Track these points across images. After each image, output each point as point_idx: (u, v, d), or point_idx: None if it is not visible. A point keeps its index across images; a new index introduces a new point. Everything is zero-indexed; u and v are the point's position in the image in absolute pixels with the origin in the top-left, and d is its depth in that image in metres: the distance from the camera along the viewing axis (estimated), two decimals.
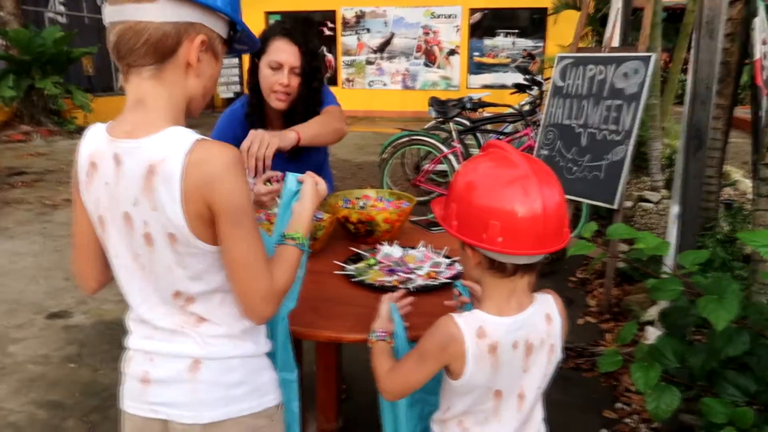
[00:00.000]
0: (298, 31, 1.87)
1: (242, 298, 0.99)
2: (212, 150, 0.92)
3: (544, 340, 1.10)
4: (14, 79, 9.10)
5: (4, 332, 3.14)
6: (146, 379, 1.04)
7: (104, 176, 0.96)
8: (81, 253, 1.10)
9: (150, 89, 0.95)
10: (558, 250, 1.05)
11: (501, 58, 12.92)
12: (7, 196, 5.99)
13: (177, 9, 0.91)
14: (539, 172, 1.01)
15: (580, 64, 3.59)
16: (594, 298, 3.54)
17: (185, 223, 0.92)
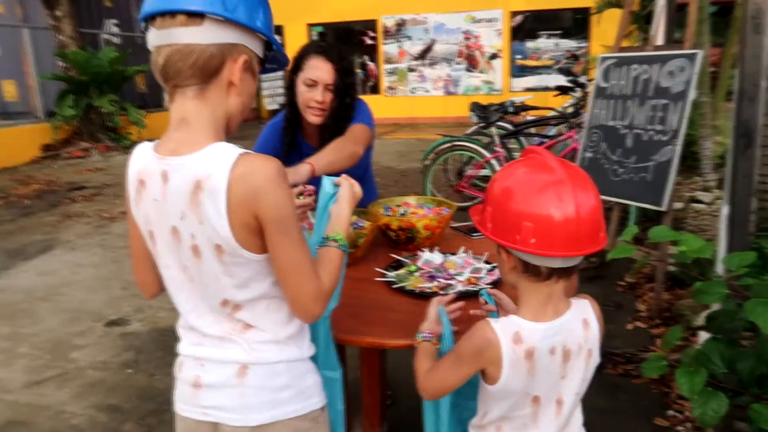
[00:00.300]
0: (333, 49, 1.94)
1: (293, 300, 1.03)
2: (255, 163, 0.95)
3: (581, 346, 1.10)
4: (74, 98, 9.57)
5: (66, 339, 3.31)
6: (197, 384, 1.09)
7: (152, 193, 1.01)
8: (139, 263, 1.16)
9: (193, 108, 0.99)
10: (596, 253, 1.05)
11: (544, 60, 12.74)
12: (68, 210, 6.30)
13: (221, 31, 0.96)
14: (575, 177, 1.01)
15: (624, 64, 3.52)
16: (644, 302, 3.45)
17: (231, 235, 0.96)
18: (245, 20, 0.97)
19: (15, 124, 9.82)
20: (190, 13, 0.94)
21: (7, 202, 6.72)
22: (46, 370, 2.98)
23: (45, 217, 6.02)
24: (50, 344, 3.26)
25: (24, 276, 4.35)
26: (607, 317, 3.53)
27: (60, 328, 3.45)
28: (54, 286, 4.13)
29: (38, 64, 10.05)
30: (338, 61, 1.94)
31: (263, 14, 1.01)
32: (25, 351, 3.19)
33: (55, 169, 8.69)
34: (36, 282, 4.22)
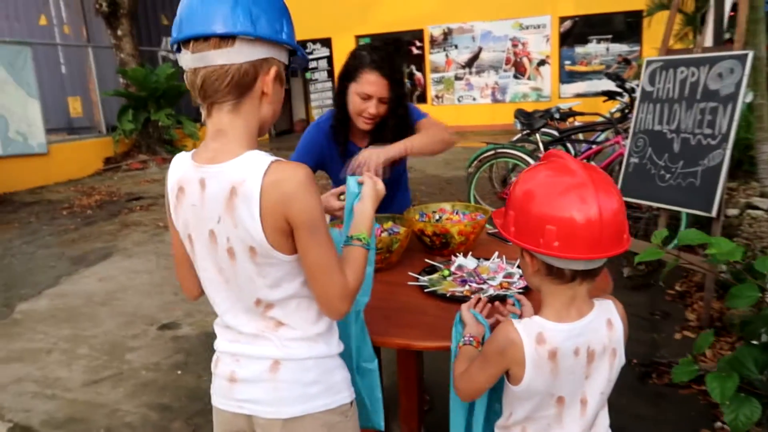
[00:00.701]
0: (387, 62, 1.95)
1: (321, 298, 1.09)
2: (287, 170, 1.01)
3: (606, 346, 1.10)
4: (133, 113, 10.06)
5: (122, 341, 3.48)
6: (233, 379, 1.15)
7: (191, 199, 1.08)
8: (181, 267, 1.24)
9: (229, 121, 1.06)
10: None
11: (594, 66, 12.49)
12: (126, 219, 6.61)
13: (252, 48, 1.02)
14: (596, 179, 1.02)
15: (670, 67, 3.44)
16: (693, 311, 3.34)
17: (264, 237, 1.02)
18: (272, 35, 1.03)
19: (80, 138, 10.40)
20: (222, 36, 1.00)
21: (71, 211, 7.11)
22: (103, 371, 3.15)
23: (105, 226, 6.33)
24: (107, 346, 3.44)
25: (85, 281, 4.60)
26: (654, 326, 3.47)
27: (116, 331, 3.63)
28: (112, 291, 4.34)
29: (101, 81, 10.61)
30: (392, 75, 1.96)
31: (286, 25, 1.06)
32: (85, 352, 3.38)
33: (116, 181, 9.13)
34: (96, 287, 4.45)
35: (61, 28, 12.00)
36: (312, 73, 14.44)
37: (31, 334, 3.67)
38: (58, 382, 3.05)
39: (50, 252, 5.47)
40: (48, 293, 4.38)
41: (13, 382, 3.07)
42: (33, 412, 2.78)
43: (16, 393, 2.96)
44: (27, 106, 8.80)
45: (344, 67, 2.02)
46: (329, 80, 14.39)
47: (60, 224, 6.52)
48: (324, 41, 14.00)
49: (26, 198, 8.10)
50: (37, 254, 5.41)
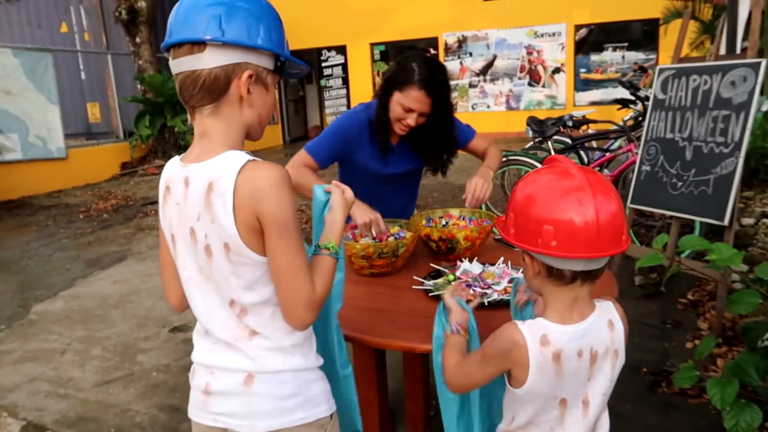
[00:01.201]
0: (434, 81, 1.98)
1: (286, 305, 1.07)
2: (262, 168, 1.03)
3: (608, 347, 1.11)
4: (150, 119, 10.20)
5: (134, 343, 3.53)
6: (208, 391, 1.14)
7: (176, 197, 1.10)
8: (164, 273, 1.24)
9: (211, 123, 1.08)
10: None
11: (610, 74, 12.43)
12: (141, 223, 6.69)
13: (223, 54, 1.04)
14: (595, 183, 1.03)
15: (683, 75, 3.43)
16: (706, 320, 3.31)
17: (237, 233, 1.03)
18: (244, 41, 1.04)
19: (98, 143, 10.56)
20: (193, 42, 1.03)
21: (88, 215, 7.22)
22: (115, 371, 3.19)
23: (121, 230, 6.42)
24: (120, 347, 3.48)
25: (100, 284, 4.67)
26: (665, 335, 3.44)
27: (129, 333, 3.68)
28: (125, 293, 4.40)
29: (119, 87, 10.78)
30: (437, 95, 2.00)
31: (265, 31, 1.06)
32: (98, 353, 3.43)
33: (132, 185, 9.24)
34: (110, 289, 4.51)
35: (81, 35, 12.22)
36: (327, 80, 14.54)
37: (46, 334, 3.73)
38: (71, 382, 3.09)
39: (66, 255, 5.55)
40: (63, 295, 4.45)
41: (28, 381, 3.12)
42: (46, 411, 2.82)
43: (30, 392, 3.01)
44: (47, 111, 8.96)
45: (393, 72, 2.04)
46: (344, 87, 14.48)
47: (77, 227, 6.62)
48: (339, 48, 14.09)
49: (44, 201, 8.24)
50: (54, 257, 5.50)
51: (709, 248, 1.39)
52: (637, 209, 3.73)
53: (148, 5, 10.30)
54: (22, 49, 9.00)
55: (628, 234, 1.06)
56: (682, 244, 1.50)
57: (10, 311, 4.16)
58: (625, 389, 2.69)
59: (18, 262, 5.39)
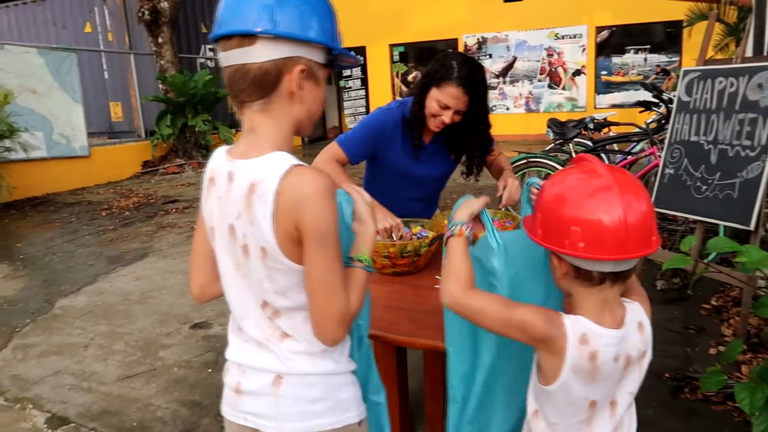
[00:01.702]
0: (472, 80, 1.99)
1: (317, 318, 1.03)
2: (306, 175, 0.99)
3: (640, 351, 1.10)
4: (171, 118, 10.32)
5: (156, 339, 3.57)
6: (239, 390, 1.13)
7: (219, 191, 1.08)
8: (197, 262, 1.22)
9: (259, 119, 1.05)
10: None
11: (631, 76, 12.31)
12: (162, 221, 6.77)
13: (275, 47, 1.00)
14: (623, 182, 1.01)
15: (708, 77, 3.38)
16: (730, 326, 3.26)
17: (275, 240, 1.00)
18: (296, 33, 1.00)
19: (120, 142, 10.72)
20: (243, 35, 0.99)
21: (110, 213, 7.33)
22: (137, 366, 3.23)
23: (142, 227, 6.50)
24: (142, 343, 3.53)
25: (122, 280, 4.73)
26: (688, 341, 3.40)
27: (151, 329, 3.73)
28: (147, 290, 4.46)
29: (141, 87, 10.93)
30: (475, 93, 2.00)
31: (318, 23, 1.02)
32: (120, 348, 3.48)
33: (153, 184, 9.36)
34: (132, 286, 4.57)
35: (105, 36, 12.40)
36: (346, 81, 14.59)
37: (69, 329, 3.80)
38: (94, 376, 3.14)
39: (89, 251, 5.64)
40: (86, 290, 4.53)
41: (52, 374, 3.18)
42: (70, 404, 2.87)
43: (55, 385, 3.06)
44: (71, 110, 9.11)
45: (432, 68, 2.04)
46: (363, 88, 14.52)
47: (99, 224, 6.72)
48: (358, 49, 14.13)
49: (68, 199, 8.38)
50: (77, 253, 5.59)
51: (739, 250, 1.38)
52: (659, 213, 3.69)
53: (170, 6, 10.42)
54: (48, 48, 9.17)
55: (658, 235, 1.04)
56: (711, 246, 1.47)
57: (35, 305, 4.24)
58: (648, 395, 2.66)
59: (42, 257, 5.49)
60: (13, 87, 7.88)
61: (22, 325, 3.88)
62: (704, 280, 3.88)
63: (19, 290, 4.60)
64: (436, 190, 2.41)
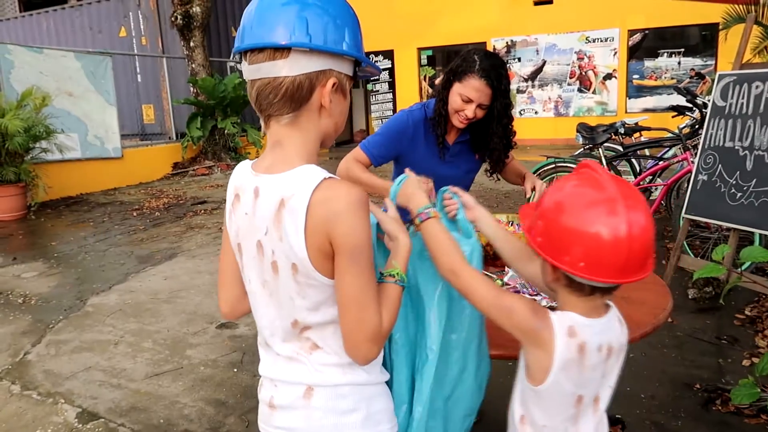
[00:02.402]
0: (494, 72, 1.99)
1: (350, 336, 1.00)
2: (339, 189, 0.96)
3: (621, 344, 1.11)
4: (201, 121, 10.49)
5: (183, 338, 3.63)
6: (272, 405, 1.11)
7: (245, 207, 1.05)
8: (225, 278, 1.19)
9: (287, 133, 1.02)
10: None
11: (664, 80, 12.07)
12: (191, 222, 6.88)
13: (308, 60, 0.97)
14: (627, 195, 0.98)
15: (744, 82, 3.30)
16: (765, 338, 3.16)
17: (306, 255, 0.97)
18: (330, 46, 0.98)
19: (152, 144, 10.93)
20: (275, 48, 0.96)
21: (141, 213, 7.47)
22: (165, 364, 3.29)
23: (172, 228, 6.62)
24: (170, 341, 3.59)
25: (151, 279, 4.82)
26: (720, 351, 3.33)
27: (178, 328, 3.79)
28: (175, 289, 4.53)
29: (173, 89, 11.14)
30: (497, 86, 2.00)
31: (349, 35, 1.00)
32: (149, 346, 3.54)
33: (182, 185, 9.52)
34: (161, 285, 4.66)
35: (139, 40, 12.68)
36: (373, 84, 14.64)
37: (100, 326, 3.88)
38: (124, 373, 3.20)
39: (120, 250, 5.76)
40: (117, 289, 4.62)
41: (83, 370, 3.25)
42: (100, 399, 2.93)
43: (86, 381, 3.13)
44: (105, 112, 9.33)
45: (455, 64, 2.06)
46: (390, 92, 14.55)
47: (130, 224, 6.86)
48: (386, 53, 14.17)
49: (101, 199, 8.58)
50: (109, 252, 5.72)
51: None
52: (692, 220, 3.61)
53: (202, 11, 10.61)
54: (84, 52, 9.42)
55: (653, 257, 1.02)
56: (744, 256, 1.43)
57: (68, 302, 4.35)
58: (678, 405, 2.60)
59: (76, 256, 5.63)
60: (50, 90, 8.10)
61: (55, 322, 3.98)
62: (738, 289, 3.78)
63: (53, 287, 4.72)
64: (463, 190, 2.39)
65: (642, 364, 2.99)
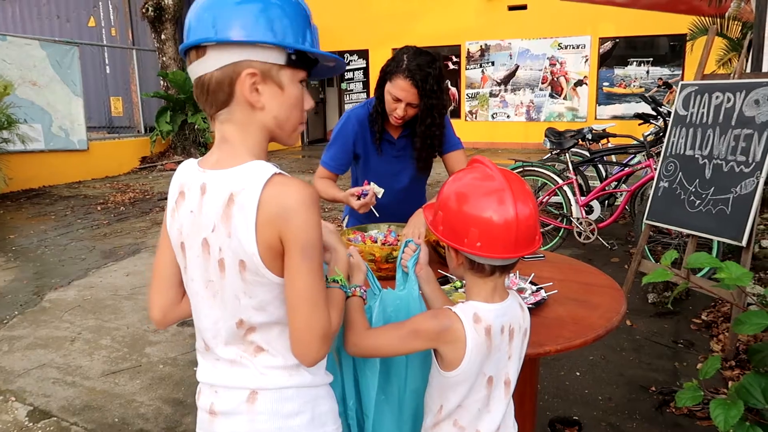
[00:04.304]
0: (420, 73, 1.99)
1: (300, 335, 0.98)
2: (290, 185, 0.95)
3: (521, 326, 1.21)
4: (171, 115, 10.34)
5: (143, 335, 3.55)
6: (213, 411, 1.07)
7: (190, 204, 1.03)
8: (155, 281, 1.15)
9: (228, 129, 1.02)
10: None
11: (633, 88, 12.33)
12: (157, 217, 6.76)
13: (222, 55, 0.97)
14: (514, 185, 1.12)
15: (705, 92, 3.38)
16: (719, 342, 3.24)
17: (256, 251, 0.95)
18: (242, 37, 0.96)
19: (119, 137, 10.71)
20: (197, 47, 0.98)
21: (105, 207, 7.31)
22: (123, 362, 3.21)
23: (136, 223, 6.49)
24: (128, 338, 3.51)
25: (113, 275, 4.72)
26: (676, 355, 3.39)
27: (138, 325, 3.71)
28: (137, 286, 4.44)
29: (142, 82, 10.94)
30: (422, 86, 2.00)
31: (266, 24, 0.97)
32: (107, 343, 3.46)
33: (150, 180, 9.35)
34: (122, 281, 4.56)
35: (108, 30, 12.43)
36: (348, 83, 14.61)
37: (57, 322, 3.78)
38: (79, 371, 3.12)
39: (82, 245, 5.63)
40: (77, 284, 4.51)
41: (37, 367, 3.16)
42: (53, 397, 2.85)
43: (39, 378, 3.04)
44: (71, 103, 9.11)
45: (386, 63, 2.10)
46: (364, 91, 14.53)
47: (94, 219, 6.71)
48: (361, 53, 14.16)
49: (64, 192, 8.37)
50: (70, 246, 5.58)
51: (719, 266, 1.36)
52: (653, 226, 3.69)
53: (174, 3, 10.44)
54: (50, 41, 9.17)
55: (540, 234, 1.17)
56: (691, 262, 1.46)
57: (24, 297, 4.22)
58: (633, 407, 2.65)
59: (35, 250, 5.48)
60: (13, 78, 7.88)
61: (9, 317, 3.86)
62: (695, 294, 3.87)
63: (9, 282, 4.58)
64: (417, 187, 2.39)
65: (601, 367, 3.04)
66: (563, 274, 1.94)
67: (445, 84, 2.14)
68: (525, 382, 1.97)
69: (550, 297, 1.73)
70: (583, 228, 4.80)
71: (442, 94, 2.08)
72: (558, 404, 2.70)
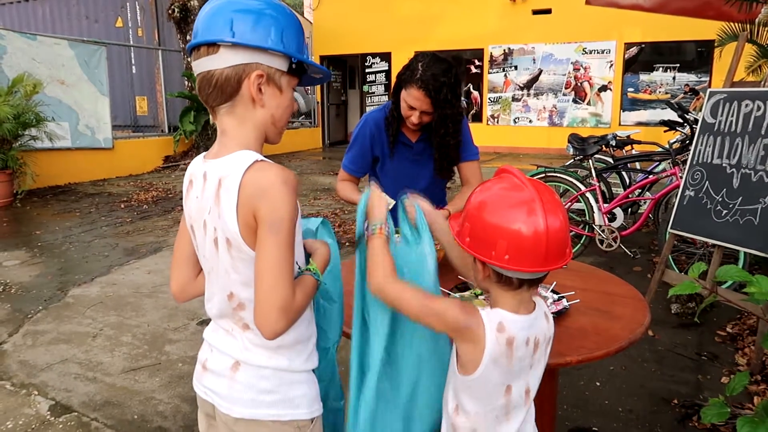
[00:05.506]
0: (434, 82, 1.98)
1: (261, 305, 1.05)
2: (268, 170, 1.07)
3: (546, 336, 1.19)
4: (194, 115, 10.44)
5: (163, 333, 3.59)
6: (205, 366, 1.23)
7: (196, 191, 1.16)
8: (174, 258, 1.31)
9: (228, 122, 1.14)
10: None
11: (658, 94, 12.14)
12: (178, 216, 6.82)
13: (234, 54, 1.09)
14: (544, 196, 1.08)
15: (735, 100, 3.31)
16: (744, 356, 3.17)
17: (237, 229, 1.07)
18: (254, 42, 1.08)
19: (144, 136, 10.86)
20: (209, 45, 1.09)
21: (129, 205, 7.42)
22: (143, 359, 3.25)
23: (159, 222, 6.57)
24: (149, 336, 3.55)
25: (135, 272, 4.78)
26: (699, 367, 3.33)
27: (159, 323, 3.75)
28: (158, 284, 4.49)
29: (167, 82, 11.08)
30: (436, 96, 2.00)
31: (276, 33, 1.10)
32: (127, 340, 3.50)
33: (172, 179, 9.46)
34: (144, 279, 4.61)
35: (135, 31, 12.62)
36: (369, 86, 14.64)
37: (80, 318, 3.83)
38: (100, 367, 3.17)
39: (105, 242, 5.71)
40: (100, 281, 4.58)
41: (59, 362, 3.21)
42: (74, 392, 2.89)
43: (61, 373, 3.09)
44: (97, 102, 9.26)
45: (402, 70, 2.10)
46: (386, 94, 14.54)
47: (117, 216, 6.80)
48: (384, 55, 14.17)
49: (89, 189, 8.50)
50: (94, 243, 5.67)
51: (749, 280, 1.33)
52: (677, 235, 3.62)
53: (200, 4, 10.55)
54: (79, 41, 9.34)
55: (571, 247, 1.13)
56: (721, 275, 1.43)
57: (48, 293, 4.30)
58: (654, 420, 2.60)
59: (60, 246, 5.57)
60: (42, 77, 8.03)
61: (34, 312, 3.93)
62: (720, 306, 3.79)
63: (35, 277, 4.67)
64: (436, 190, 2.38)
65: (622, 377, 2.99)
66: (585, 282, 1.92)
67: (461, 91, 2.13)
68: (544, 392, 1.95)
69: (572, 306, 1.71)
70: (605, 236, 4.74)
71: (457, 102, 2.07)
72: (577, 415, 2.66)
